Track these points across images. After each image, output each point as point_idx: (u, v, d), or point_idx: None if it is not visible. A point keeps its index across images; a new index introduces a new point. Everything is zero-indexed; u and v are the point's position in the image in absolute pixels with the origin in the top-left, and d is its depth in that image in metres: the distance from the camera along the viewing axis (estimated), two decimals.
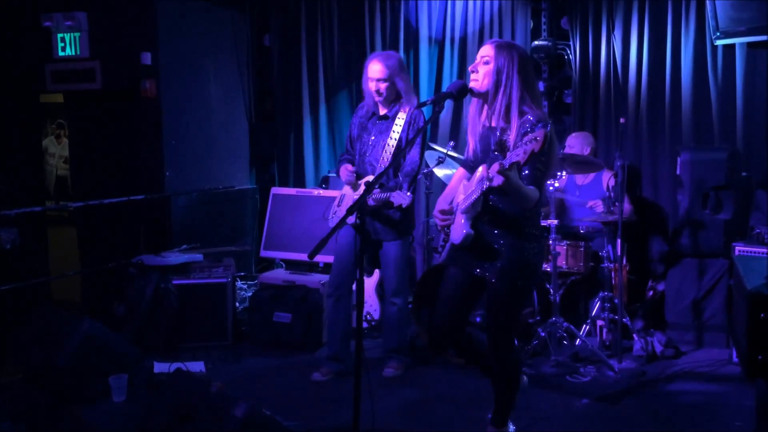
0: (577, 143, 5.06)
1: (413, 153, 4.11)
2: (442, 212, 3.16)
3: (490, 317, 3.10)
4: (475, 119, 3.09)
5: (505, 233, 3.01)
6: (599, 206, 4.81)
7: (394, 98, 4.12)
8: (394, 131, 4.06)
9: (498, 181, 2.68)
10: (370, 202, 3.98)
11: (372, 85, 4.07)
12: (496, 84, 2.94)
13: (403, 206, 3.85)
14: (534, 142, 2.58)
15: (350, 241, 4.15)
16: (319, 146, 6.34)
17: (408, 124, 4.07)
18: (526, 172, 2.86)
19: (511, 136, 2.92)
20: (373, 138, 4.15)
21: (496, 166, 2.68)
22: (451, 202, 3.21)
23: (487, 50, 2.98)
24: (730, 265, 4.59)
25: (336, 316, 4.29)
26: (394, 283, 4.29)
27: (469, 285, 3.14)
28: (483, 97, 3.01)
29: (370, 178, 4.07)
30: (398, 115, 4.10)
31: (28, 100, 6.04)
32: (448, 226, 3.15)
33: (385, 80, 4.04)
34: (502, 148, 2.95)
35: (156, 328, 4.86)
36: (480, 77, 2.96)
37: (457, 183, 3.26)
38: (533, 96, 2.96)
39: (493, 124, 3.02)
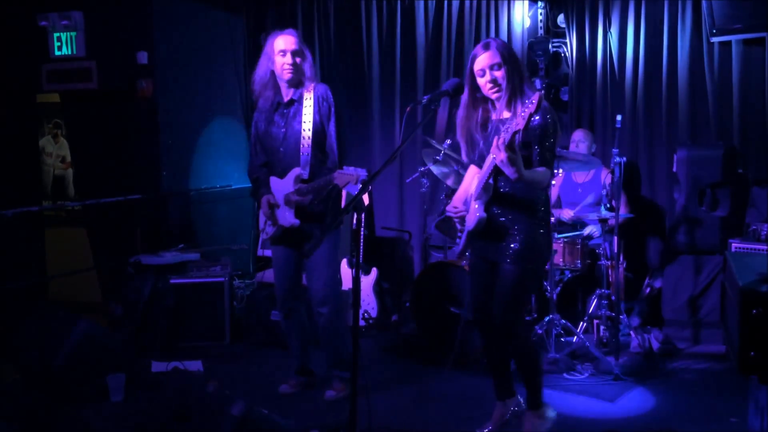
0: (586, 138, 5.08)
1: (331, 134, 3.77)
2: (456, 206, 3.24)
3: (499, 301, 3.14)
4: (476, 118, 3.17)
5: (517, 218, 3.10)
6: (567, 213, 4.89)
7: (302, 74, 3.74)
8: (305, 114, 3.72)
9: (502, 155, 2.74)
10: (296, 198, 3.69)
11: (284, 59, 3.68)
12: (511, 83, 3.03)
13: (354, 183, 3.45)
14: (530, 105, 2.72)
15: (285, 253, 3.91)
16: None
17: (317, 102, 3.74)
18: (537, 150, 2.98)
19: (515, 122, 2.98)
20: (283, 130, 3.80)
21: (498, 140, 2.77)
22: (466, 202, 3.28)
23: (493, 56, 3.04)
24: (724, 262, 4.60)
25: (290, 330, 4.04)
26: (320, 290, 3.82)
27: (490, 271, 3.21)
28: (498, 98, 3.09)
29: (298, 170, 3.73)
30: (303, 96, 3.75)
31: (24, 99, 6.04)
32: (463, 218, 3.22)
33: (298, 52, 3.68)
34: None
35: (153, 328, 4.86)
36: (502, 81, 3.03)
37: (471, 179, 3.31)
38: (528, 82, 3.14)
39: (501, 117, 3.11)
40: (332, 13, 6.19)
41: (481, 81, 3.08)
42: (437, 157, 4.85)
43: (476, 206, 3.12)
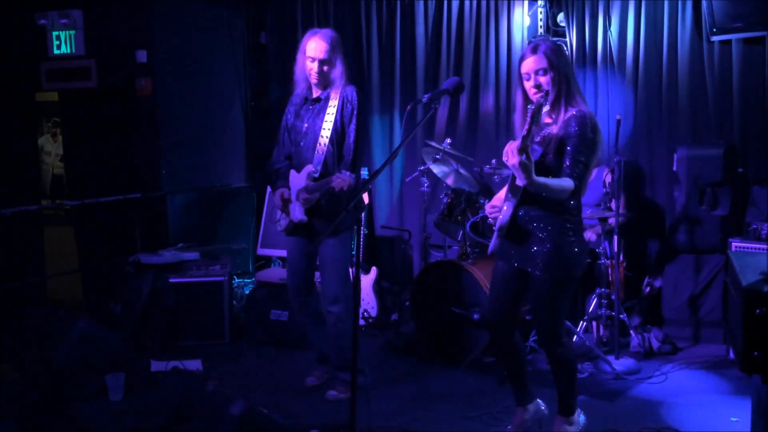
0: None
1: (350, 135, 3.81)
2: (495, 205, 3.20)
3: (535, 312, 3.16)
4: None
5: (544, 223, 3.04)
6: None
7: (329, 81, 3.84)
8: (328, 113, 3.79)
9: (513, 160, 2.72)
10: (303, 195, 3.76)
11: (312, 66, 3.78)
12: (556, 89, 2.98)
13: (345, 189, 3.53)
14: (528, 118, 2.74)
15: (298, 245, 3.95)
16: None
17: (342, 103, 3.79)
18: (567, 161, 2.92)
19: (554, 128, 2.99)
20: (306, 125, 3.87)
21: (511, 145, 2.74)
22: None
23: (539, 61, 2.98)
24: (726, 261, 4.59)
25: (305, 323, 4.08)
26: (331, 289, 3.85)
27: (515, 278, 3.18)
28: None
29: (310, 167, 3.80)
30: (330, 96, 3.82)
31: (23, 98, 6.02)
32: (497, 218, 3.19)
33: (326, 61, 3.76)
34: (547, 142, 3.00)
35: (153, 327, 4.85)
36: (546, 86, 2.98)
37: None
38: (576, 89, 3.04)
39: (544, 121, 3.08)
40: (332, 12, 6.18)
41: (526, 84, 3.04)
42: (437, 156, 4.84)
43: (505, 208, 3.09)
